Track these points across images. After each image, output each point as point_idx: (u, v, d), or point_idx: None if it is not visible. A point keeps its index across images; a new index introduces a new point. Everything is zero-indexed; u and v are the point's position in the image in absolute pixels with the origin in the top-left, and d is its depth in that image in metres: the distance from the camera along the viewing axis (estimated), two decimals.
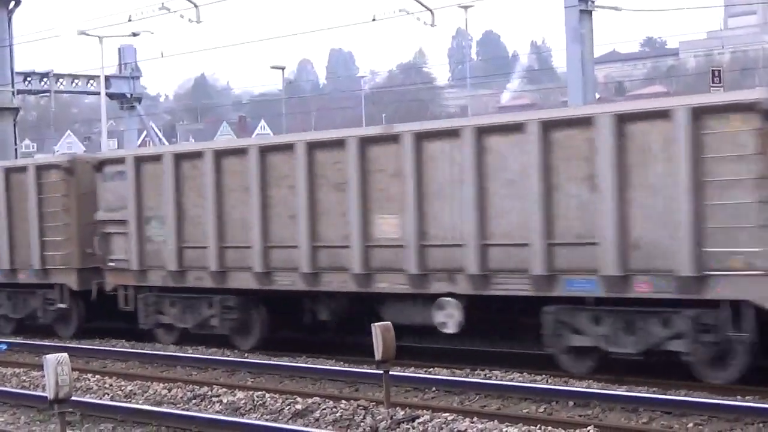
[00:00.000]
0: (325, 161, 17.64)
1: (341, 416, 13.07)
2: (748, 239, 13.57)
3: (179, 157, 19.74)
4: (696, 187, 13.90)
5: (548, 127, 15.21)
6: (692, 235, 13.92)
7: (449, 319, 16.55)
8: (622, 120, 14.55)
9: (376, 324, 13.46)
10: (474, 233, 15.88)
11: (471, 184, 15.90)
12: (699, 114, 13.93)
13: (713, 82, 32.46)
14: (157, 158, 20.13)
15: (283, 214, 18.18)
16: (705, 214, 13.87)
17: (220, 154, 19.03)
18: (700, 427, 12.04)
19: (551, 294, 15.34)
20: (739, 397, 13.35)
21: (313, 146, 17.80)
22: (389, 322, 13.67)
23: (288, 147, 18.11)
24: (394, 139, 16.86)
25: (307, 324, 19.08)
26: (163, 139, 66.66)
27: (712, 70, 34.25)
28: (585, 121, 14.91)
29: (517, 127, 15.57)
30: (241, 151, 18.80)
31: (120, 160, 20.85)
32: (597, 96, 41.24)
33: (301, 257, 17.91)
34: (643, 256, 14.43)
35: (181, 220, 19.63)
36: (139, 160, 20.42)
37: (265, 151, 18.41)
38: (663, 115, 14.22)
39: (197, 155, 19.45)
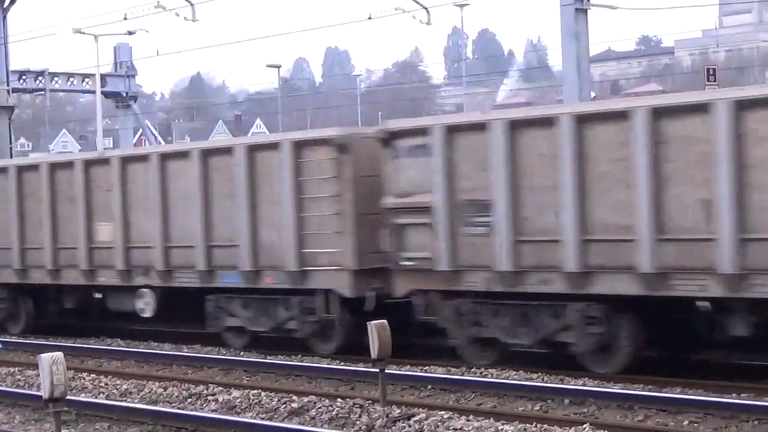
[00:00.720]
0: (62, 179, 21.67)
1: (337, 414, 13.08)
2: (330, 242, 17.61)
3: None
4: (297, 202, 17.95)
5: (206, 154, 19.30)
6: (296, 240, 17.98)
7: (147, 306, 20.43)
8: (253, 149, 18.63)
9: (372, 323, 13.49)
10: (160, 237, 19.88)
11: (157, 199, 19.90)
12: (299, 146, 17.97)
13: (708, 81, 32.43)
14: None
15: (35, 222, 22.09)
16: (304, 223, 17.94)
17: None
18: (696, 424, 12.06)
19: (211, 285, 19.32)
20: (734, 395, 13.37)
21: (53, 167, 21.92)
22: (385, 321, 13.72)
23: (35, 167, 22.22)
24: (107, 161, 21.00)
25: (53, 312, 22.85)
26: (159, 138, 66.55)
27: (707, 69, 34.22)
28: (228, 150, 19.03)
29: (185, 154, 19.68)
30: (2, 170, 22.80)
31: None
32: (593, 94, 41.18)
33: (46, 257, 21.85)
34: (268, 255, 18.44)
35: None
36: None
37: (21, 170, 22.49)
38: (274, 146, 18.39)
39: None
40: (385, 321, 13.65)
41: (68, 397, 11.69)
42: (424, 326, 17.20)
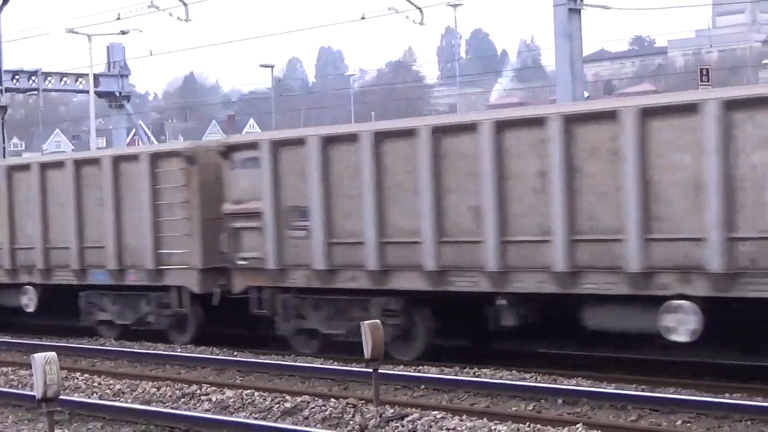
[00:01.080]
0: None
1: (330, 414, 13.08)
2: (181, 244, 19.66)
3: None
4: (154, 208, 20.09)
5: (79, 164, 21.46)
6: (152, 241, 20.14)
7: (30, 301, 22.59)
8: (117, 160, 20.82)
9: (365, 323, 13.51)
10: (40, 240, 21.96)
11: (38, 205, 21.96)
12: (155, 157, 20.17)
13: (701, 81, 32.49)
14: None
15: None
16: (159, 226, 20.03)
17: None
18: (689, 424, 12.08)
19: (84, 282, 21.53)
20: (727, 394, 13.39)
21: None
22: (378, 321, 13.75)
23: None
24: None
25: None
26: (152, 138, 66.38)
27: (700, 69, 34.29)
28: (97, 161, 21.25)
29: (61, 164, 21.83)
30: None
31: None
32: (586, 95, 41.21)
33: None
34: (131, 255, 20.62)
35: None
36: None
37: None
38: (135, 158, 20.58)
39: None
40: (378, 321, 13.70)
41: (61, 397, 11.68)
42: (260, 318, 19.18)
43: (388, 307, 17.07)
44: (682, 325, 14.14)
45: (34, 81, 46.02)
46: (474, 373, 15.63)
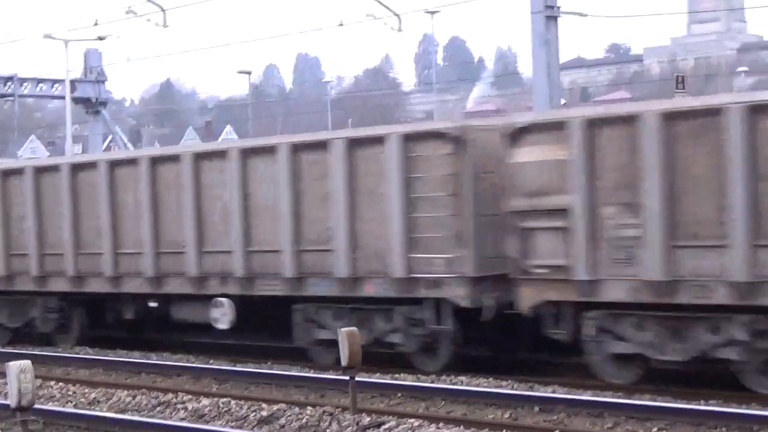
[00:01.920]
0: None
1: (307, 423, 13.05)
2: None
3: None
4: None
5: None
6: None
7: None
8: None
9: (342, 330, 13.49)
10: None
11: None
12: None
13: (677, 88, 32.63)
14: None
15: None
16: None
17: None
18: (664, 431, 12.11)
19: None
20: (702, 401, 13.44)
21: None
22: (355, 329, 13.72)
23: None
24: None
25: None
26: (129, 144, 66.06)
27: (677, 77, 34.42)
28: None
29: None
30: None
31: None
32: (563, 101, 41.38)
33: None
34: None
35: None
36: None
37: None
38: None
39: None
40: (355, 329, 13.66)
41: (36, 406, 11.61)
42: None
43: (49, 305, 21.56)
44: (224, 316, 18.87)
45: (9, 86, 45.84)
46: (451, 380, 15.62)
